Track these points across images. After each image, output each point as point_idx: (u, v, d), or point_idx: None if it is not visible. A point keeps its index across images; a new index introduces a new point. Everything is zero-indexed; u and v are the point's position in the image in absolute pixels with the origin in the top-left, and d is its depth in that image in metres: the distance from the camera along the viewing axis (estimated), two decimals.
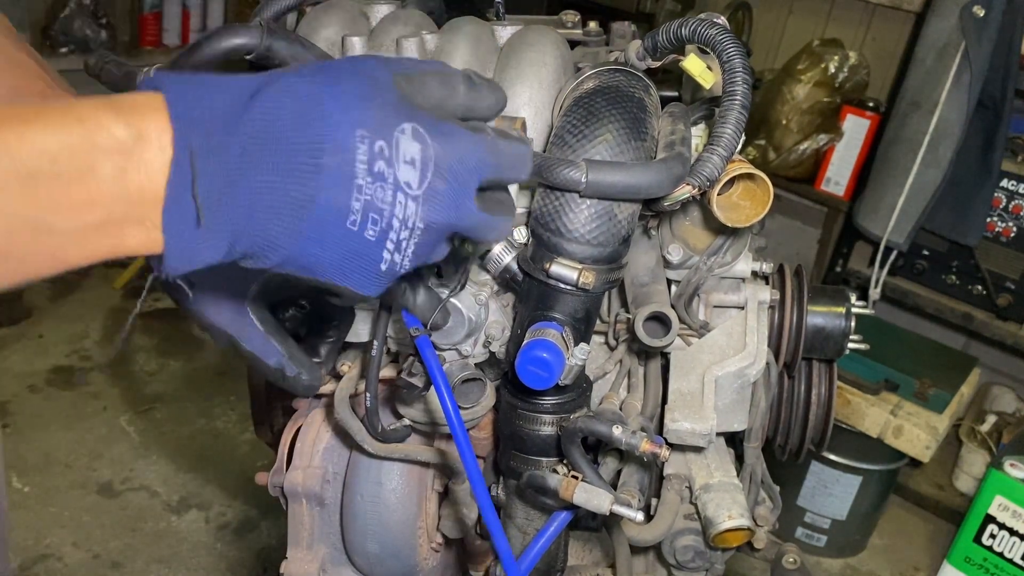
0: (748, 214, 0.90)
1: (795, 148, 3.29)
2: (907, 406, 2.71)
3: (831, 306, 1.17)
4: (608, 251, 0.85)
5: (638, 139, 0.84)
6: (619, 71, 0.91)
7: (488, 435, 1.10)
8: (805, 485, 2.84)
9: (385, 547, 1.15)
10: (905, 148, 2.81)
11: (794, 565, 1.11)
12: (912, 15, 3.34)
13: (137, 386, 3.31)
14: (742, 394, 1.02)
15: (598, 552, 1.21)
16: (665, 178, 0.81)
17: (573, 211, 0.83)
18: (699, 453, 1.08)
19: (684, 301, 1.02)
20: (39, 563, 2.54)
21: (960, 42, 2.62)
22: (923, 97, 2.75)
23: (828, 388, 1.19)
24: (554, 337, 0.84)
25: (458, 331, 0.94)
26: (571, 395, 0.93)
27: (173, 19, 4.46)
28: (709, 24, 0.84)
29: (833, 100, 3.24)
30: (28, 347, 3.42)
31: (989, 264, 2.88)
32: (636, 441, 0.86)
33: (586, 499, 0.87)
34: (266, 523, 2.77)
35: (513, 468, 0.97)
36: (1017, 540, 2.42)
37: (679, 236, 1.01)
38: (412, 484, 1.15)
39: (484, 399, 1.01)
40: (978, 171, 2.77)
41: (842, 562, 2.96)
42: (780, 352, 1.12)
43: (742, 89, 0.82)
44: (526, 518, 1.01)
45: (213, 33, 0.81)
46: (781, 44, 3.75)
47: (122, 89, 0.84)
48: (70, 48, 4.10)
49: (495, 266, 0.93)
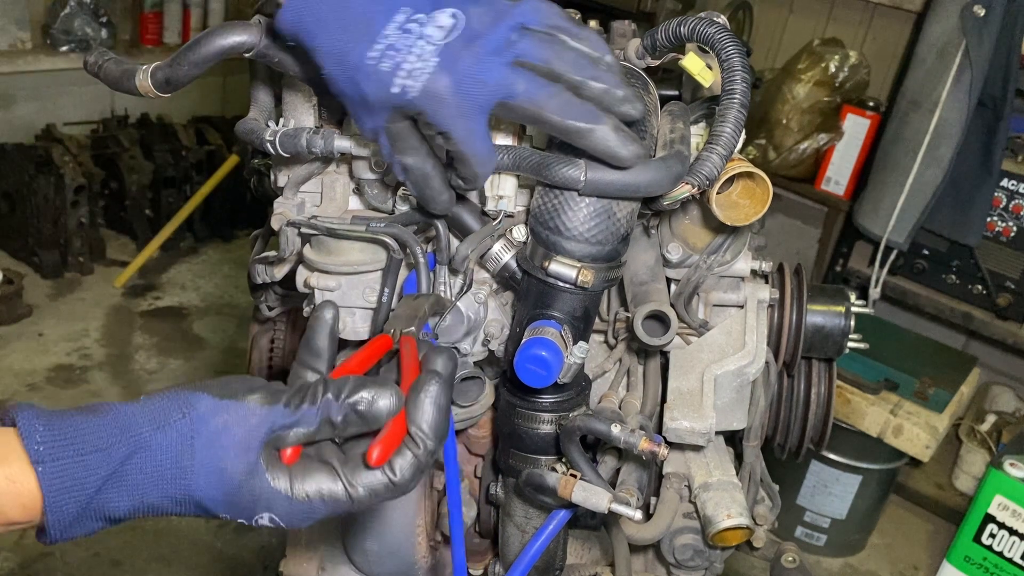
0: (747, 213, 0.90)
1: (795, 148, 3.29)
2: (907, 405, 2.71)
3: (831, 305, 1.17)
4: (607, 249, 0.85)
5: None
6: None
7: (487, 433, 1.11)
8: (805, 484, 2.84)
9: (384, 545, 1.15)
10: (905, 148, 2.80)
11: (793, 564, 1.11)
12: (912, 15, 3.34)
13: (137, 385, 3.31)
14: (741, 393, 1.02)
15: (597, 551, 1.21)
16: (664, 177, 0.81)
17: (572, 209, 0.83)
18: (698, 452, 1.08)
19: (683, 300, 1.02)
20: (39, 561, 2.54)
21: (960, 42, 2.62)
22: (923, 97, 2.75)
23: (828, 387, 1.19)
24: (553, 335, 0.84)
25: (457, 329, 0.94)
26: (570, 393, 0.93)
27: (174, 17, 4.46)
28: (708, 23, 0.84)
29: (833, 100, 3.24)
30: (28, 345, 3.42)
31: (989, 264, 2.88)
32: (635, 439, 0.86)
33: (584, 497, 0.87)
34: None
35: (512, 466, 0.97)
36: (1017, 540, 2.42)
37: (678, 235, 1.01)
38: None
39: (483, 397, 1.01)
40: (978, 171, 2.77)
41: (842, 561, 2.96)
42: (779, 351, 1.12)
43: (741, 88, 0.82)
44: (525, 516, 1.01)
45: (212, 31, 0.81)
46: (781, 43, 3.75)
47: (121, 86, 0.84)
48: (71, 47, 4.10)
49: (494, 264, 0.93)
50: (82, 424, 0.62)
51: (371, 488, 0.65)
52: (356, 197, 0.99)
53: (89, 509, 0.62)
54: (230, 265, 4.20)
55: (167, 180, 4.07)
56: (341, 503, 0.65)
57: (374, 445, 0.64)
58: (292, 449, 0.65)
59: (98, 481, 0.61)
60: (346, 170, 0.99)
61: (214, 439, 0.63)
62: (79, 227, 3.83)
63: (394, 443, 0.65)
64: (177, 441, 0.62)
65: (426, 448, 0.65)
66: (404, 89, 0.70)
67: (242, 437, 0.63)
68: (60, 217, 3.77)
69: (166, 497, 0.63)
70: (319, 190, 1.00)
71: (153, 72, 0.83)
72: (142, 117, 4.25)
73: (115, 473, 0.61)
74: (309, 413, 0.64)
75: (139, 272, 3.94)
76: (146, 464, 0.62)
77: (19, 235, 3.88)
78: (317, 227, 0.93)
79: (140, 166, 3.97)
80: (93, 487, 0.61)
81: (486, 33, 0.71)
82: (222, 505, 0.64)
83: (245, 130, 0.92)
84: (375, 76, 0.70)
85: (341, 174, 0.99)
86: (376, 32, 0.70)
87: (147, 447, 0.62)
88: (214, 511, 0.64)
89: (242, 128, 0.92)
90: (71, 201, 3.74)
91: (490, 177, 0.88)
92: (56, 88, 4.13)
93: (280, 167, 1.00)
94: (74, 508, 0.61)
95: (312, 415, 0.64)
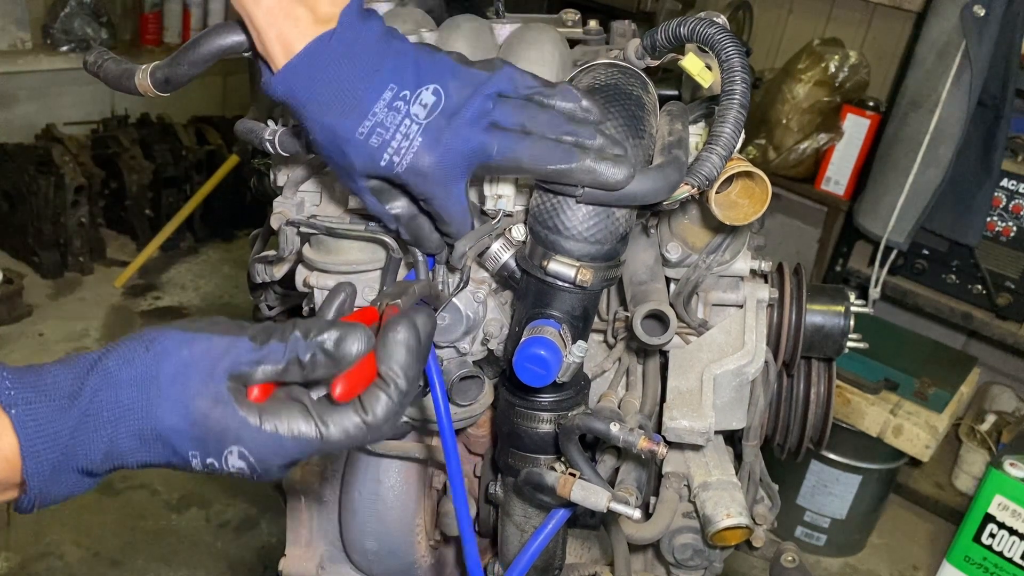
0: (747, 212, 0.90)
1: (795, 147, 3.29)
2: (907, 405, 2.71)
3: (830, 305, 1.17)
4: (606, 249, 0.85)
5: (636, 136, 0.84)
6: (617, 69, 0.91)
7: (486, 433, 1.11)
8: (805, 484, 2.84)
9: (383, 544, 1.15)
10: (905, 148, 2.80)
11: (793, 564, 1.11)
12: (912, 15, 3.34)
13: None
14: (740, 392, 1.02)
15: (596, 550, 1.21)
16: (662, 186, 0.81)
17: (571, 209, 0.83)
18: (697, 451, 1.08)
19: (683, 299, 1.02)
20: (39, 561, 2.54)
21: (960, 42, 2.61)
22: (923, 97, 2.75)
23: (827, 387, 1.19)
24: (552, 335, 0.84)
25: (456, 329, 0.94)
26: (569, 393, 0.93)
27: (174, 17, 4.46)
28: (708, 23, 0.84)
29: (833, 100, 3.24)
30: (29, 345, 3.42)
31: (989, 264, 2.87)
32: (634, 439, 0.86)
33: (583, 496, 0.87)
34: (266, 521, 2.77)
35: (511, 466, 0.97)
36: (1017, 539, 2.42)
37: (678, 234, 1.01)
38: (410, 481, 1.15)
39: (482, 397, 1.01)
40: (978, 171, 2.76)
41: (841, 561, 2.96)
42: (779, 350, 1.12)
43: (741, 88, 0.82)
44: (524, 516, 1.01)
45: (211, 31, 0.81)
46: (781, 44, 3.75)
47: (121, 86, 0.85)
48: (71, 47, 4.10)
49: (493, 264, 0.93)
50: (51, 369, 0.63)
51: (344, 428, 0.64)
52: (355, 197, 0.99)
53: (66, 458, 0.62)
54: (230, 265, 4.20)
55: (167, 180, 4.08)
56: (312, 442, 0.64)
57: (339, 379, 0.63)
58: (260, 388, 0.65)
59: (71, 422, 0.61)
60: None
61: (179, 371, 0.63)
62: (79, 227, 3.83)
63: (362, 381, 0.64)
64: (142, 374, 0.63)
65: (398, 387, 0.64)
66: (391, 164, 0.76)
67: (207, 367, 0.63)
68: (60, 217, 3.77)
69: (134, 435, 0.63)
70: (319, 189, 1.00)
71: (152, 71, 0.83)
72: (142, 117, 4.26)
73: (86, 412, 0.61)
74: (276, 349, 0.64)
75: (139, 272, 3.94)
76: (113, 399, 0.62)
77: (19, 235, 3.89)
78: (316, 226, 0.93)
79: (140, 166, 3.97)
80: (67, 430, 0.61)
81: (464, 105, 0.76)
82: (189, 439, 0.63)
83: (245, 130, 0.92)
84: (364, 150, 0.75)
85: None
86: (366, 109, 0.74)
87: (114, 383, 0.62)
88: (182, 449, 0.63)
89: (242, 128, 0.92)
90: (71, 201, 3.74)
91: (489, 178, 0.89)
92: (56, 88, 4.13)
93: (280, 167, 1.00)
94: (51, 454, 0.61)
95: (279, 351, 0.64)
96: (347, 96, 0.74)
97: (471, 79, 0.77)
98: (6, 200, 3.89)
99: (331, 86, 0.73)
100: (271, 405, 0.64)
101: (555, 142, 0.78)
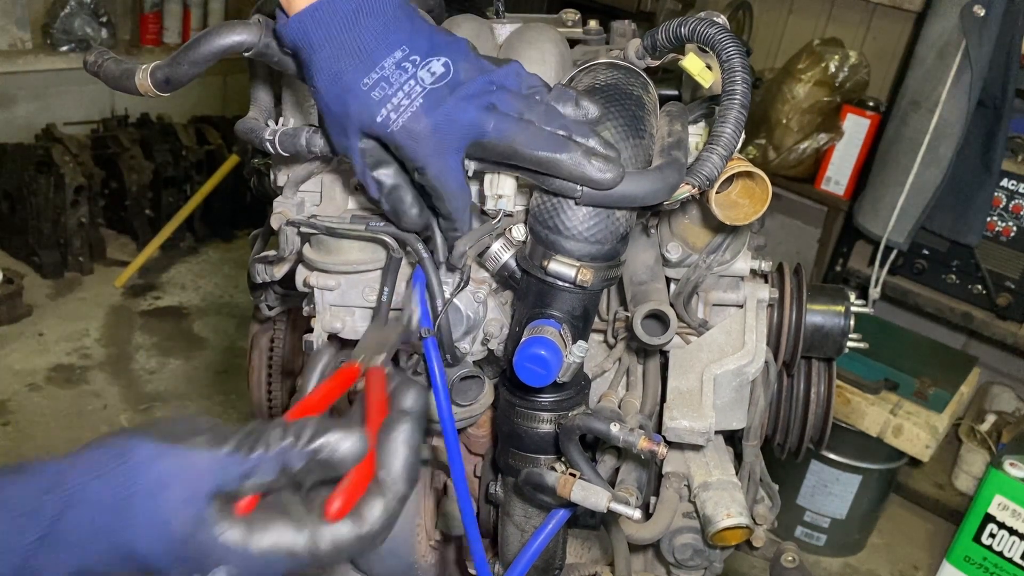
0: (747, 212, 0.90)
1: (795, 147, 3.29)
2: (907, 405, 2.71)
3: (830, 305, 1.17)
4: (606, 248, 0.85)
5: (636, 136, 0.84)
6: (618, 68, 0.91)
7: (486, 433, 1.11)
8: (805, 484, 2.85)
9: (384, 545, 1.15)
10: (905, 148, 2.80)
11: (793, 564, 1.11)
12: (912, 15, 3.34)
13: (137, 385, 3.31)
14: (741, 392, 1.02)
15: (597, 550, 1.21)
16: (661, 188, 0.81)
17: (571, 209, 0.83)
18: (698, 451, 1.08)
19: (683, 299, 1.02)
20: None
21: (960, 42, 2.62)
22: (923, 97, 2.75)
23: (827, 387, 1.19)
24: (552, 335, 0.84)
25: (456, 329, 0.94)
26: (569, 393, 0.93)
27: (174, 17, 4.46)
28: (708, 23, 0.84)
29: (833, 99, 3.24)
30: (28, 345, 3.42)
31: (989, 263, 2.88)
32: (634, 439, 0.86)
33: (584, 496, 0.87)
34: None
35: (511, 466, 0.97)
36: (1017, 539, 2.42)
37: (678, 234, 1.01)
38: None
39: (482, 397, 1.01)
40: (978, 171, 2.77)
41: (841, 561, 2.96)
42: (779, 350, 1.12)
43: (741, 88, 0.82)
44: (524, 516, 1.01)
45: (211, 30, 0.81)
46: (781, 43, 3.75)
47: (121, 86, 0.84)
48: (71, 47, 4.10)
49: (493, 263, 0.93)
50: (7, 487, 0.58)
51: (336, 542, 0.59)
52: (355, 196, 0.99)
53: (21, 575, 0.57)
54: (230, 265, 4.20)
55: (167, 180, 4.08)
56: (302, 558, 0.59)
57: (335, 495, 0.59)
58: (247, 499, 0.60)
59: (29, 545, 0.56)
60: (346, 169, 0.99)
61: (155, 489, 0.58)
62: (79, 227, 3.83)
63: (358, 491, 0.60)
64: (114, 492, 0.57)
65: (397, 494, 0.61)
66: (387, 120, 0.75)
67: (188, 486, 0.58)
68: (60, 217, 3.77)
69: (107, 556, 0.58)
70: (319, 189, 1.00)
71: (153, 71, 0.83)
72: (142, 117, 4.26)
73: (47, 535, 0.56)
74: (265, 460, 0.59)
75: (139, 272, 3.94)
76: (81, 519, 0.57)
77: (19, 235, 3.89)
78: (317, 226, 0.93)
79: (140, 166, 3.97)
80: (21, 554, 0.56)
81: (469, 83, 0.77)
82: (168, 561, 0.58)
83: (245, 129, 0.92)
84: (365, 100, 0.75)
85: (341, 173, 0.99)
86: (375, 62, 0.75)
87: (81, 501, 0.57)
88: (162, 567, 0.59)
89: (242, 127, 0.92)
90: (71, 201, 3.74)
91: (489, 177, 0.89)
92: (56, 88, 4.13)
93: (280, 166, 1.00)
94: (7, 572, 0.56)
95: (269, 464, 0.59)
96: (360, 46, 0.74)
97: (480, 65, 0.79)
98: (6, 200, 3.89)
99: (346, 34, 0.74)
100: (258, 519, 0.59)
101: (550, 132, 0.79)
